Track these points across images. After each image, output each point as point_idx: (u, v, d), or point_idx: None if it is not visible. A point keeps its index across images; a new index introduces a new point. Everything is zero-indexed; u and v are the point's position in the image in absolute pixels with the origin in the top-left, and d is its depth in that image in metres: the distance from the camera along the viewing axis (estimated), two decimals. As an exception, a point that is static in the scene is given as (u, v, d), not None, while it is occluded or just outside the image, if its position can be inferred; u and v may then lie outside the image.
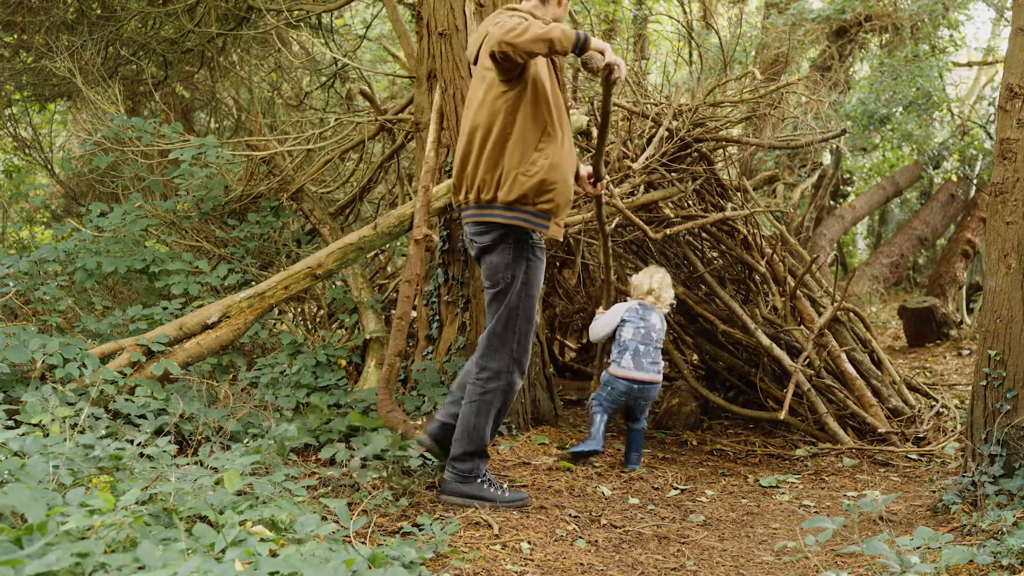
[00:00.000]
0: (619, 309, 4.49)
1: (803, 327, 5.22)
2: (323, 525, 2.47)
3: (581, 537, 3.31)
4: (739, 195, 5.52)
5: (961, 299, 9.88)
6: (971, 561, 2.75)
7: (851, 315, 5.44)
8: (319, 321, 5.91)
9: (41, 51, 7.08)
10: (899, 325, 9.27)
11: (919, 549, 2.73)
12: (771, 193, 8.76)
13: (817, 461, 4.62)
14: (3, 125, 8.66)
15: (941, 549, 2.74)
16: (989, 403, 3.41)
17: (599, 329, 4.50)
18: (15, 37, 7.43)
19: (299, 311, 6.22)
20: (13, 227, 9.45)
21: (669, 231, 4.95)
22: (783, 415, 4.76)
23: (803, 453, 4.72)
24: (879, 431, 4.85)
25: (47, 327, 4.97)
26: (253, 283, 5.37)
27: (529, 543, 3.19)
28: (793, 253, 5.83)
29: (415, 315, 5.03)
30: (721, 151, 5.76)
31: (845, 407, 4.99)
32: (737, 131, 7.53)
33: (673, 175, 5.22)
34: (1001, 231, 3.38)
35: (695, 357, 5.94)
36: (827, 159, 10.93)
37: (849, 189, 12.33)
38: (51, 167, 8.82)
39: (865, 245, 14.54)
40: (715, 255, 5.54)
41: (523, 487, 3.84)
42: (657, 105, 5.33)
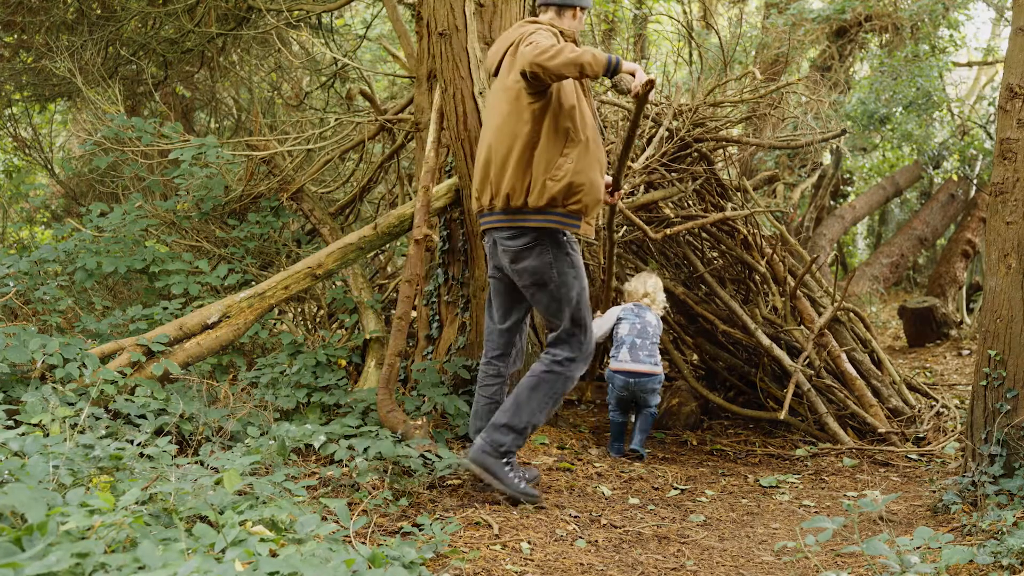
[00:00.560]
0: (615, 310, 4.65)
1: (803, 327, 5.22)
2: (323, 525, 2.47)
3: (581, 537, 3.31)
4: (739, 195, 5.52)
5: (961, 299, 9.88)
6: (971, 561, 2.75)
7: (851, 315, 5.44)
8: (319, 321, 5.91)
9: (41, 51, 7.08)
10: (899, 325, 9.27)
11: (919, 549, 2.73)
12: (771, 193, 8.76)
13: (817, 461, 4.62)
14: (3, 125, 8.66)
15: (941, 549, 2.74)
16: (989, 403, 3.41)
17: (596, 331, 4.56)
18: (15, 37, 7.43)
19: (299, 311, 6.21)
20: (13, 227, 9.45)
21: (669, 231, 4.95)
22: (783, 415, 4.76)
23: (803, 453, 4.72)
24: (879, 431, 4.85)
25: (47, 327, 4.97)
26: (253, 283, 5.37)
27: (529, 543, 3.19)
28: (793, 253, 5.83)
29: (415, 315, 5.03)
30: (721, 151, 5.76)
31: (845, 407, 4.99)
32: (737, 131, 7.53)
33: (673, 175, 5.22)
34: (1001, 231, 3.38)
35: (695, 357, 5.94)
36: (827, 159, 10.93)
37: (849, 189, 12.33)
38: (51, 167, 8.82)
39: (865, 245, 14.54)
40: (715, 255, 5.54)
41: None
42: (657, 105, 5.33)
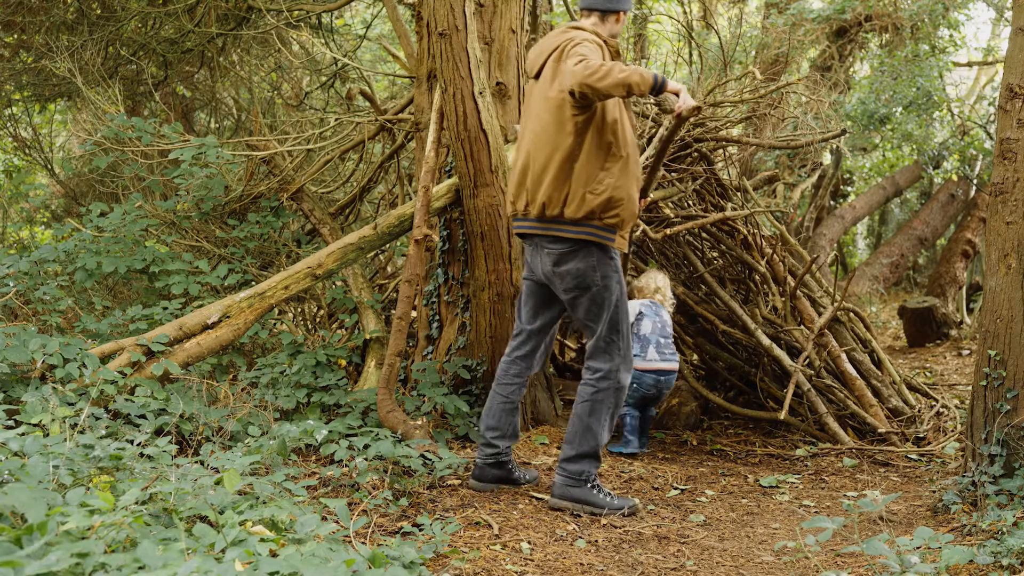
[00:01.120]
0: (634, 304, 4.65)
1: (803, 327, 5.22)
2: (323, 525, 2.47)
3: (581, 537, 3.31)
4: (739, 195, 5.52)
5: (961, 299, 9.88)
6: (971, 561, 2.75)
7: (851, 315, 5.44)
8: (319, 321, 5.91)
9: (41, 51, 7.08)
10: (899, 325, 9.27)
11: (919, 549, 2.73)
12: (771, 193, 8.75)
13: (817, 461, 4.62)
14: (3, 125, 8.66)
15: (941, 549, 2.74)
16: (989, 403, 3.41)
17: None
18: (15, 37, 7.43)
19: (299, 311, 6.21)
20: (13, 227, 9.45)
21: (669, 231, 4.95)
22: (783, 415, 4.76)
23: (803, 453, 4.72)
24: (879, 431, 4.85)
25: (47, 327, 4.97)
26: (253, 283, 5.37)
27: (529, 543, 3.19)
28: (793, 253, 5.83)
29: (415, 315, 5.03)
30: (721, 151, 5.76)
31: (845, 407, 4.99)
32: (737, 131, 7.53)
33: (673, 175, 5.22)
34: (1001, 231, 3.38)
35: (695, 357, 5.93)
36: (827, 159, 10.93)
37: (849, 189, 12.33)
38: (51, 167, 8.82)
39: (865, 245, 14.55)
40: (715, 255, 5.54)
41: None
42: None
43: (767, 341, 5.09)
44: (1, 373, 3.74)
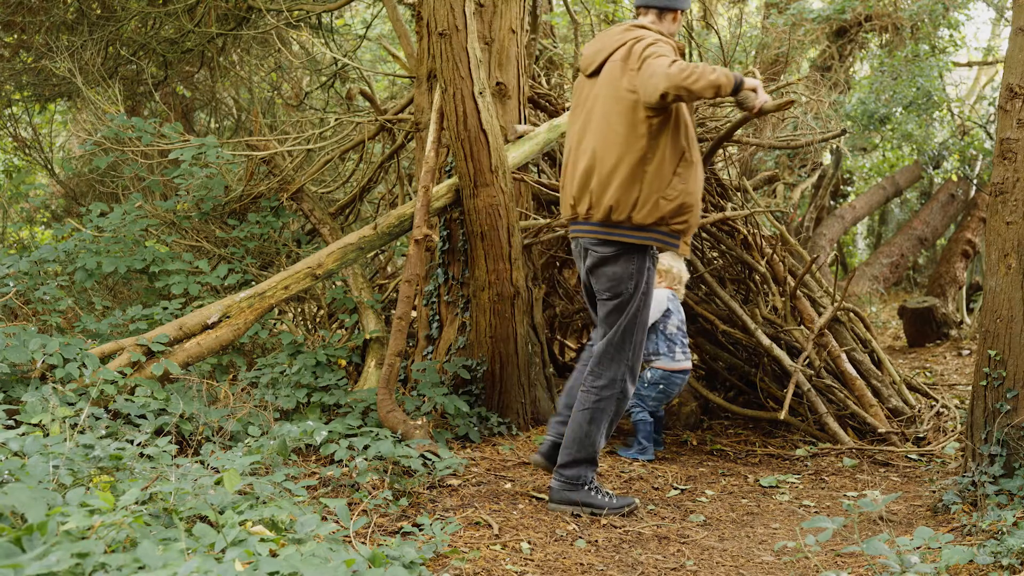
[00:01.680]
0: (662, 294, 4.48)
1: (803, 327, 5.22)
2: (323, 525, 2.47)
3: (581, 537, 3.31)
4: (739, 195, 5.52)
5: (961, 299, 9.88)
6: (971, 561, 2.75)
7: (851, 315, 5.44)
8: (319, 321, 5.91)
9: (41, 51, 7.08)
10: (899, 325, 9.27)
11: (919, 549, 2.73)
12: (771, 193, 8.75)
13: (817, 461, 4.62)
14: (3, 125, 8.66)
15: (941, 549, 2.74)
16: (989, 403, 3.41)
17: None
18: (15, 37, 7.43)
19: (299, 311, 6.22)
20: (13, 227, 9.45)
21: (669, 231, 4.95)
22: (783, 415, 4.76)
23: (803, 453, 4.72)
24: (879, 431, 4.85)
25: (47, 327, 4.97)
26: (253, 283, 5.37)
27: (529, 543, 3.19)
28: (793, 253, 5.83)
29: (415, 315, 5.03)
30: (721, 151, 5.75)
31: (845, 407, 4.99)
32: (737, 131, 7.51)
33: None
34: (1001, 231, 3.38)
35: (695, 357, 5.93)
36: (827, 159, 10.93)
37: (849, 189, 12.33)
38: (51, 167, 8.82)
39: (865, 245, 14.54)
40: (715, 255, 5.54)
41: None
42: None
43: (767, 341, 5.09)
44: (1, 373, 3.74)
